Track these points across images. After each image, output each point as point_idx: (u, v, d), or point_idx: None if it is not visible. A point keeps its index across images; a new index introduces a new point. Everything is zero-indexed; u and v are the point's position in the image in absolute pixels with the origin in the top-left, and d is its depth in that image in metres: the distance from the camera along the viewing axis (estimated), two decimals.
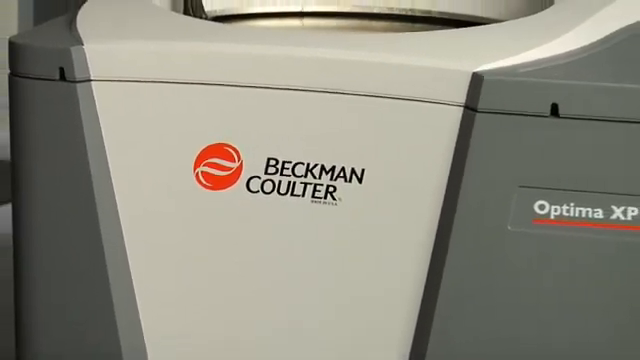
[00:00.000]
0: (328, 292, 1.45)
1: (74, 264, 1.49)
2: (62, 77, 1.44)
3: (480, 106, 1.35)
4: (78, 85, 1.44)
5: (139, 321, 1.50)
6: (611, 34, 1.50)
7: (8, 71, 1.48)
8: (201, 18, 1.61)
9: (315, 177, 1.41)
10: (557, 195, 1.35)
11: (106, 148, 1.45)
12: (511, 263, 1.37)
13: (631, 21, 1.55)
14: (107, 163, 1.45)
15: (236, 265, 1.46)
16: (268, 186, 1.42)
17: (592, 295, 1.36)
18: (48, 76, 1.44)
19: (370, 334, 1.45)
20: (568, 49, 1.43)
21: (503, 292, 1.38)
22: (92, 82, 1.44)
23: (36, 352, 1.54)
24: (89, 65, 1.43)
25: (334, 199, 1.41)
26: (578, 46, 1.44)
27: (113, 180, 1.46)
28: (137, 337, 1.50)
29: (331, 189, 1.41)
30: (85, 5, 1.56)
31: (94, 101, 1.44)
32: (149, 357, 1.50)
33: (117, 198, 1.46)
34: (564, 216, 1.35)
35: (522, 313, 1.39)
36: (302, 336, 1.47)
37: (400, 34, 1.56)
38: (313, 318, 1.47)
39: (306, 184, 1.41)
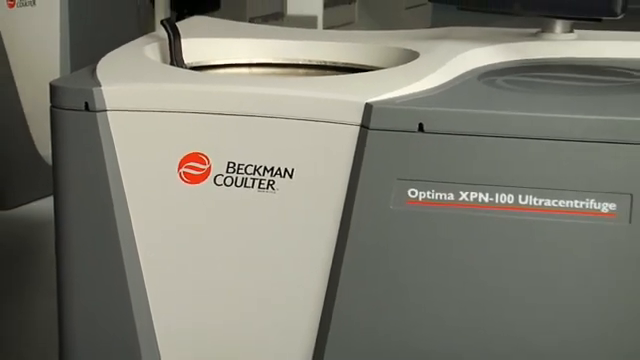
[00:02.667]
0: (264, 269, 1.43)
1: (95, 246, 1.46)
2: (86, 108, 1.43)
3: (371, 125, 1.36)
4: (98, 114, 1.43)
5: (146, 294, 1.47)
6: (459, 76, 1.50)
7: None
8: (181, 67, 1.61)
9: (260, 174, 1.41)
10: (423, 184, 1.35)
11: (118, 157, 1.44)
12: (393, 233, 1.37)
13: (472, 67, 1.55)
14: (119, 169, 1.44)
15: (208, 243, 1.45)
16: (229, 181, 1.42)
17: (451, 262, 1.36)
18: (77, 108, 1.43)
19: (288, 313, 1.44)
20: (429, 86, 1.44)
21: (391, 263, 1.38)
22: (107, 112, 1.43)
23: (73, 333, 1.51)
24: (105, 100, 1.43)
25: (273, 189, 1.41)
26: (436, 84, 1.45)
27: (123, 181, 1.45)
28: (144, 301, 1.47)
29: (271, 182, 1.40)
30: (102, 60, 1.55)
31: (109, 125, 1.44)
32: (154, 321, 1.48)
33: (126, 193, 1.45)
34: (427, 199, 1.36)
35: (406, 286, 1.38)
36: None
37: (316, 77, 1.57)
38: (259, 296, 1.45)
39: (254, 179, 1.41)
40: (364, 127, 1.36)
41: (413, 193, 1.36)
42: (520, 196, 1.33)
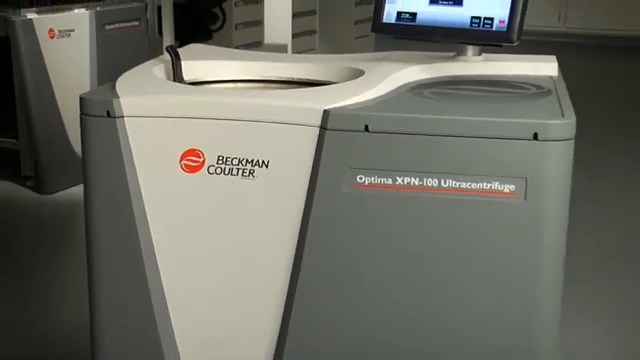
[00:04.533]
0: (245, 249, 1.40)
1: (116, 230, 1.42)
2: (108, 115, 1.41)
3: (328, 127, 1.35)
4: (117, 120, 1.41)
5: (159, 276, 1.43)
6: (395, 88, 1.49)
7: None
8: (182, 83, 1.59)
9: (243, 165, 1.39)
10: (369, 172, 1.35)
11: (133, 154, 1.42)
12: (346, 210, 1.36)
13: (405, 82, 1.54)
14: (134, 163, 1.42)
15: (203, 221, 1.41)
16: (219, 170, 1.40)
17: (389, 234, 1.34)
18: (101, 115, 1.41)
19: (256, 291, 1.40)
20: (373, 97, 1.43)
21: (344, 235, 1.36)
22: (125, 118, 1.41)
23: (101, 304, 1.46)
24: (123, 109, 1.41)
25: (253, 176, 1.39)
26: (378, 95, 1.44)
27: (137, 172, 1.42)
28: (157, 279, 1.43)
29: (252, 171, 1.39)
30: (120, 77, 1.52)
31: (126, 128, 1.41)
32: (168, 303, 1.44)
33: (139, 180, 1.42)
34: (373, 183, 1.35)
35: (356, 255, 1.36)
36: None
37: (286, 90, 1.55)
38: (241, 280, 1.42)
39: (239, 169, 1.39)
40: (323, 128, 1.35)
41: (361, 179, 1.35)
42: (442, 180, 1.33)
